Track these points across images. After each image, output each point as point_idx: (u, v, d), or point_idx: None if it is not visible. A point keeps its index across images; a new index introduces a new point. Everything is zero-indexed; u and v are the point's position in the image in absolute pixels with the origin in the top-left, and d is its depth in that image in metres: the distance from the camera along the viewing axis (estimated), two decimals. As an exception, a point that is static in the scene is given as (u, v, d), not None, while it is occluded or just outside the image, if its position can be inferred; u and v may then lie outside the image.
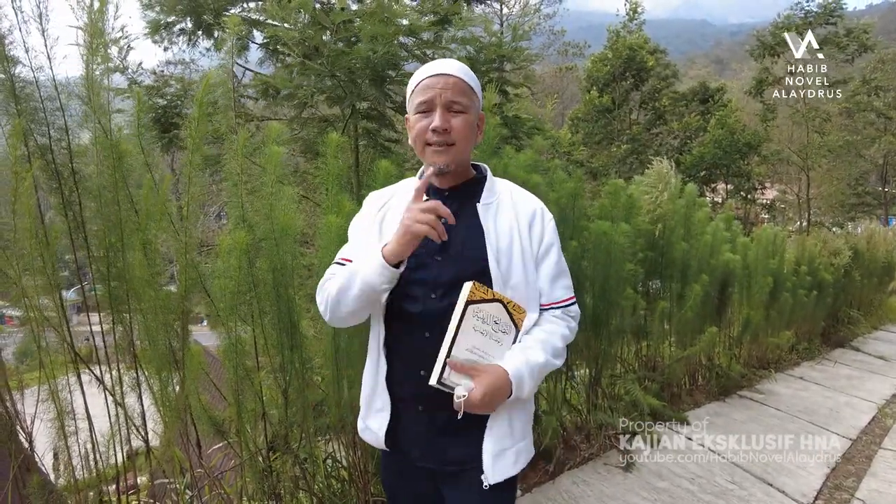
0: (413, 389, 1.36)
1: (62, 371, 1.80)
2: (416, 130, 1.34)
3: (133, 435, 1.97)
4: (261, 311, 2.17)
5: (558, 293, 1.41)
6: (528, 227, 1.37)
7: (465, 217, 1.35)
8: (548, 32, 23.51)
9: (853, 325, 7.80)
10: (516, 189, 1.47)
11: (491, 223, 1.35)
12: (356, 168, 3.10)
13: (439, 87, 1.32)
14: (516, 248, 1.34)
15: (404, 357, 1.37)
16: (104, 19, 1.76)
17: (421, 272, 1.34)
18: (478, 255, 1.32)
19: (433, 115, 1.32)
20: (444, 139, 1.31)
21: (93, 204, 1.83)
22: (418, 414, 1.37)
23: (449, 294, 1.29)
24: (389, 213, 1.42)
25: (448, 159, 1.33)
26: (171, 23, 3.55)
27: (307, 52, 2.41)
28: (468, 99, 1.35)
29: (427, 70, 1.37)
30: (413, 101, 1.36)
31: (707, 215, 4.82)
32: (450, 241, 1.32)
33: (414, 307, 1.34)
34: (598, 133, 20.24)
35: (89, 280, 2.09)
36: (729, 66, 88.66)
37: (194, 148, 1.84)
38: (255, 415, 2.20)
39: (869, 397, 5.03)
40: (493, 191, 1.42)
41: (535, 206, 1.42)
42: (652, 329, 4.29)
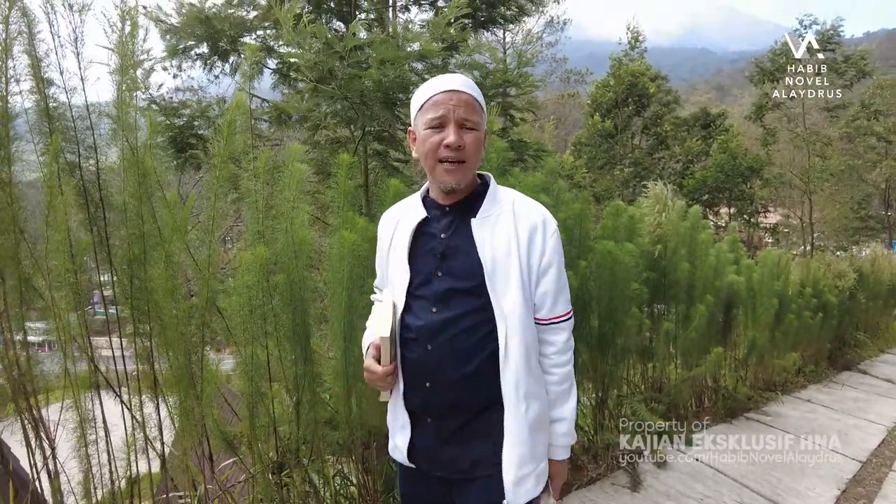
0: (421, 401, 1.41)
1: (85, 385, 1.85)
2: (429, 145, 1.34)
3: (149, 446, 2.00)
4: (276, 325, 2.22)
5: (559, 308, 1.41)
6: (527, 241, 1.35)
7: (463, 232, 1.37)
8: (550, 60, 23.98)
9: (860, 348, 7.75)
10: (520, 199, 1.43)
11: (487, 237, 1.35)
12: (366, 188, 3.18)
13: (452, 103, 1.32)
14: (513, 262, 1.33)
15: (412, 371, 1.40)
16: (134, 42, 1.85)
17: (423, 288, 1.39)
18: (473, 271, 1.34)
19: (446, 131, 1.32)
20: (457, 156, 1.32)
21: (116, 218, 1.90)
22: (428, 426, 1.41)
23: (448, 308, 1.35)
24: (397, 235, 1.47)
25: (460, 177, 1.35)
26: (188, 47, 3.68)
27: (320, 77, 2.51)
28: (478, 116, 1.36)
29: (437, 85, 1.36)
30: (424, 117, 1.36)
31: (710, 237, 4.87)
32: (449, 258, 1.37)
33: (417, 321, 1.38)
34: (601, 157, 20.46)
35: (98, 302, 2.15)
36: (730, 93, 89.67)
37: (221, 165, 1.91)
38: (266, 430, 2.23)
39: (878, 420, 4.98)
40: (494, 201, 1.40)
41: (536, 218, 1.38)
42: (657, 350, 4.30)
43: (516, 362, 1.32)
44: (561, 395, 1.43)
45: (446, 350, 1.34)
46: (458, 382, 1.34)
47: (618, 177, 19.53)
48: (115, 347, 2.01)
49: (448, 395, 1.36)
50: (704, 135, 20.87)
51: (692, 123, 21.43)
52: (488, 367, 1.33)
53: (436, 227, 1.41)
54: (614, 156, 20.46)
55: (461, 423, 1.38)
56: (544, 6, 21.82)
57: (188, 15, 3.39)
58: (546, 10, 22.94)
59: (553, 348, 1.42)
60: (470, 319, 1.33)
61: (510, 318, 1.32)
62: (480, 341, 1.33)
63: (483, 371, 1.33)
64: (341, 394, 2.40)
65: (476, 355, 1.33)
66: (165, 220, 1.88)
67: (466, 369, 1.33)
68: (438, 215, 1.42)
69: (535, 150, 3.79)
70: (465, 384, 1.34)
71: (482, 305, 1.33)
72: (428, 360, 1.35)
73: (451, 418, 1.38)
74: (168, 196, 1.90)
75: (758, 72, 20.27)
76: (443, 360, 1.34)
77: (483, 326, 1.33)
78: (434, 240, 1.40)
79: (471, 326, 1.33)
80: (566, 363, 1.43)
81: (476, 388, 1.35)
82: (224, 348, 2.86)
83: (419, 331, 1.37)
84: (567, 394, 1.44)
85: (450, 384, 1.35)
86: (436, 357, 1.34)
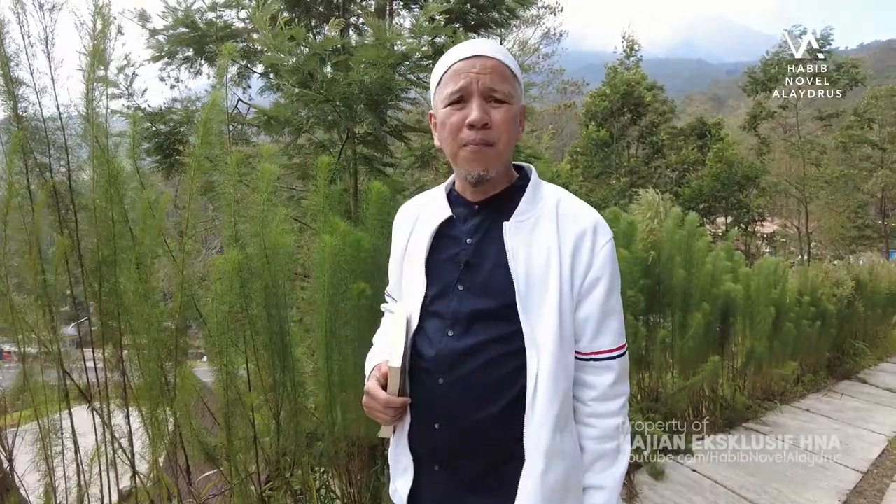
0: (428, 445, 1.14)
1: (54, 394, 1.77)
2: (449, 127, 1.08)
3: (119, 459, 1.91)
4: (253, 332, 2.15)
5: (603, 341, 1.10)
6: (572, 251, 1.07)
7: (494, 238, 1.11)
8: (547, 71, 24.09)
9: (859, 357, 7.68)
10: (566, 198, 1.15)
11: (522, 246, 1.08)
12: (355, 193, 3.12)
13: (475, 70, 1.06)
14: (552, 279, 1.05)
15: (419, 406, 1.14)
16: (105, 39, 1.80)
17: (439, 303, 1.13)
18: (501, 288, 1.07)
19: (469, 107, 1.06)
20: (483, 137, 1.05)
21: (87, 219, 1.83)
22: (435, 474, 1.14)
23: (469, 333, 1.08)
24: (415, 236, 1.22)
25: (486, 165, 1.08)
26: (174, 51, 3.64)
27: (301, 80, 2.46)
28: (510, 86, 1.08)
29: (459, 52, 1.10)
30: (442, 92, 1.10)
31: (707, 244, 4.82)
32: (476, 268, 1.11)
33: (429, 348, 1.11)
34: (597, 166, 20.52)
35: (88, 314, 2.08)
36: (726, 104, 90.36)
37: (196, 164, 1.85)
38: (246, 441, 2.15)
39: (879, 430, 4.90)
40: (534, 201, 1.13)
41: (585, 224, 1.09)
42: (654, 359, 4.24)
43: (543, 408, 1.04)
44: (601, 456, 1.11)
45: (464, 386, 1.07)
46: (475, 427, 1.07)
47: (614, 186, 19.57)
48: (89, 358, 1.93)
49: (462, 442, 1.09)
50: (700, 144, 20.98)
51: (688, 133, 21.57)
52: (515, 409, 1.06)
53: (461, 229, 1.15)
54: (610, 165, 20.53)
55: (476, 474, 1.10)
56: (538, 15, 21.96)
57: (174, 19, 3.37)
58: (543, 21, 23.10)
59: (592, 392, 1.11)
60: (496, 349, 1.06)
61: (544, 351, 1.04)
62: (507, 377, 1.06)
63: (508, 414, 1.06)
64: (325, 404, 2.32)
65: (502, 395, 1.06)
66: (137, 222, 1.81)
67: (488, 412, 1.06)
68: (465, 214, 1.16)
69: (527, 156, 3.75)
70: (485, 429, 1.07)
71: (512, 333, 1.05)
72: (439, 396, 1.09)
73: (463, 469, 1.11)
74: (141, 196, 1.83)
75: (751, 82, 20.46)
76: (459, 399, 1.08)
77: (512, 360, 1.06)
78: (458, 245, 1.14)
79: (496, 358, 1.06)
80: (612, 415, 1.11)
81: (498, 435, 1.08)
82: (199, 358, 2.78)
83: (431, 360, 1.10)
84: (612, 457, 1.11)
85: (465, 428, 1.08)
86: (450, 394, 1.08)
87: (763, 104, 20.55)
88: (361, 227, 2.37)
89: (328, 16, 3.72)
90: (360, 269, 2.26)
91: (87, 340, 2.00)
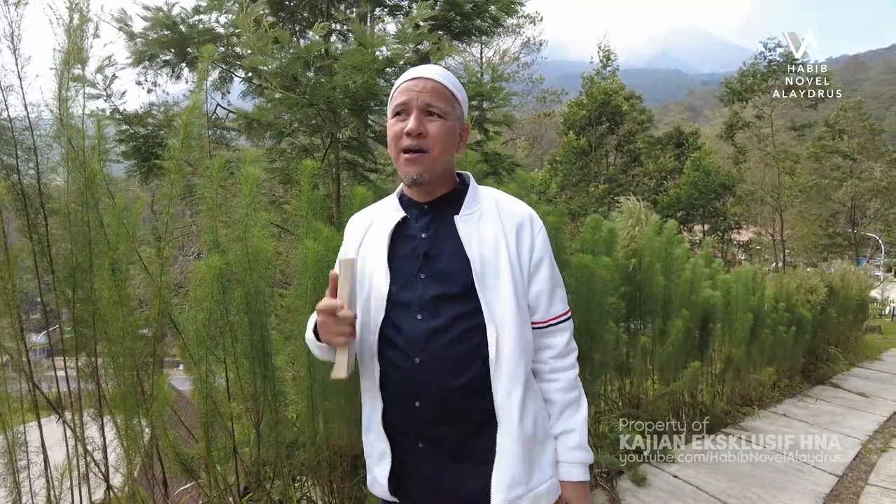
0: (409, 423, 1.23)
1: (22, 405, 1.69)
2: (391, 135, 1.25)
3: (92, 472, 1.84)
4: (233, 339, 2.10)
5: (556, 308, 1.30)
6: (515, 238, 1.25)
7: (446, 232, 1.26)
8: (527, 80, 24.31)
9: (832, 362, 7.85)
10: (502, 196, 1.33)
11: (473, 235, 1.24)
12: (338, 198, 3.09)
13: (417, 89, 1.23)
14: (503, 261, 1.22)
15: (397, 388, 1.24)
16: (82, 35, 1.74)
17: (404, 293, 1.24)
18: (460, 272, 1.21)
19: (409, 119, 1.22)
20: (417, 144, 1.21)
21: (60, 224, 1.76)
22: (419, 451, 1.23)
23: (436, 314, 1.20)
24: (369, 240, 1.33)
25: (421, 169, 1.23)
26: (154, 54, 3.56)
27: (285, 84, 2.42)
28: (448, 104, 1.25)
29: (407, 74, 1.28)
30: (389, 106, 1.28)
31: (686, 251, 4.88)
32: (433, 259, 1.24)
33: (400, 332, 1.23)
34: (576, 174, 20.73)
35: (60, 322, 2.00)
36: (702, 114, 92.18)
37: (176, 168, 1.80)
38: (225, 451, 2.09)
39: (853, 434, 5.00)
40: (475, 199, 1.30)
41: (523, 214, 1.29)
42: (635, 365, 4.26)
43: (510, 370, 1.19)
44: (568, 403, 1.28)
45: (439, 361, 1.19)
46: (453, 395, 1.19)
47: (592, 193, 19.78)
48: (60, 367, 1.86)
49: (442, 411, 1.20)
50: (678, 153, 21.34)
51: (666, 142, 21.94)
52: (484, 375, 1.19)
53: (415, 227, 1.29)
54: (588, 173, 20.76)
55: (457, 442, 1.21)
56: (518, 24, 22.18)
57: (154, 20, 3.29)
58: (523, 31, 23.34)
59: (552, 352, 1.29)
60: (461, 326, 1.20)
61: (502, 323, 1.19)
62: (473, 349, 1.19)
63: (478, 381, 1.19)
64: (307, 413, 2.28)
65: (471, 364, 1.19)
66: (111, 226, 1.75)
67: (461, 380, 1.19)
68: (417, 214, 1.31)
69: (509, 164, 3.76)
70: (461, 396, 1.19)
71: (473, 310, 1.20)
72: (416, 374, 1.20)
73: (445, 439, 1.21)
74: (110, 201, 1.77)
75: (727, 92, 20.96)
76: (435, 373, 1.19)
77: (476, 332, 1.20)
78: (414, 241, 1.27)
79: (462, 333, 1.19)
80: (569, 367, 1.30)
81: (472, 400, 1.20)
82: (176, 367, 2.71)
83: (404, 342, 1.22)
84: (576, 402, 1.29)
85: (444, 398, 1.19)
86: (426, 370, 1.19)
87: (739, 114, 21.06)
88: (342, 232, 2.34)
89: (312, 21, 3.69)
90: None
91: (58, 349, 1.92)
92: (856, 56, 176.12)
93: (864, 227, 26.74)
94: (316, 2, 3.57)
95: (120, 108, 3.33)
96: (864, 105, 27.18)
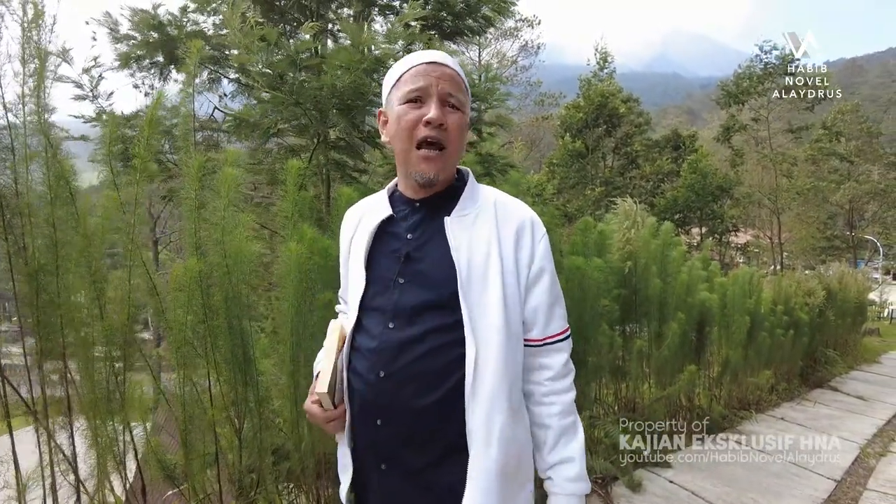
0: (370, 442, 1.12)
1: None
2: (404, 123, 1.10)
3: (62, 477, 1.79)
4: (213, 345, 2.05)
5: (554, 326, 1.15)
6: (514, 244, 1.11)
7: (434, 233, 1.13)
8: (525, 84, 24.32)
9: (830, 366, 7.80)
10: (503, 197, 1.19)
11: (464, 239, 1.10)
12: (328, 199, 3.04)
13: (435, 75, 1.10)
14: (493, 269, 1.08)
15: (360, 402, 1.12)
16: (38, 29, 1.69)
17: (380, 299, 1.13)
18: (443, 278, 1.08)
19: (427, 106, 1.09)
20: (438, 136, 1.09)
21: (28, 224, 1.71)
22: (381, 472, 1.12)
23: (410, 324, 1.08)
24: (357, 236, 1.23)
25: (439, 167, 1.11)
26: (142, 56, 3.52)
27: (272, 83, 2.38)
28: (464, 96, 1.15)
29: (418, 57, 1.14)
30: (400, 89, 1.12)
31: (682, 253, 4.84)
32: (415, 261, 1.12)
33: (370, 341, 1.12)
34: (573, 177, 20.72)
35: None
36: (700, 117, 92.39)
37: (142, 168, 1.76)
38: (206, 459, 2.04)
39: (851, 437, 4.95)
40: (472, 199, 1.16)
41: (523, 218, 1.14)
42: (630, 369, 4.21)
43: (490, 394, 1.04)
44: (565, 430, 1.14)
45: (405, 376, 1.07)
46: (419, 415, 1.06)
47: (589, 196, 19.76)
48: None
49: (406, 432, 1.08)
50: (675, 156, 21.33)
51: (663, 145, 21.93)
52: (457, 397, 1.06)
53: (402, 226, 1.17)
54: (585, 175, 20.74)
55: (423, 468, 1.09)
56: (516, 27, 22.19)
57: (140, 21, 3.25)
58: (521, 34, 23.37)
59: (548, 373, 1.14)
60: (438, 338, 1.07)
61: (485, 339, 1.06)
62: (451, 365, 1.06)
63: (452, 401, 1.06)
64: (291, 419, 2.22)
65: (443, 383, 1.06)
66: (77, 227, 1.70)
67: (431, 398, 1.06)
68: (406, 212, 1.18)
69: (503, 165, 3.72)
70: (429, 417, 1.06)
71: (453, 322, 1.06)
72: (380, 391, 1.08)
73: (409, 464, 1.09)
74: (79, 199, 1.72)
75: (724, 95, 20.99)
76: (400, 389, 1.07)
77: (455, 348, 1.06)
78: (398, 240, 1.16)
79: (438, 347, 1.06)
80: (566, 390, 1.16)
81: (442, 424, 1.07)
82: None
83: (371, 353, 1.10)
84: (573, 428, 1.15)
85: (409, 418, 1.07)
86: (390, 386, 1.07)
87: (736, 116, 21.09)
88: (331, 235, 2.30)
89: (303, 22, 3.65)
90: (328, 278, 2.19)
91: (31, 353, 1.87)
92: (853, 59, 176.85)
93: (863, 229, 26.73)
94: (306, 2, 3.53)
95: (106, 109, 3.29)
96: (862, 108, 27.23)
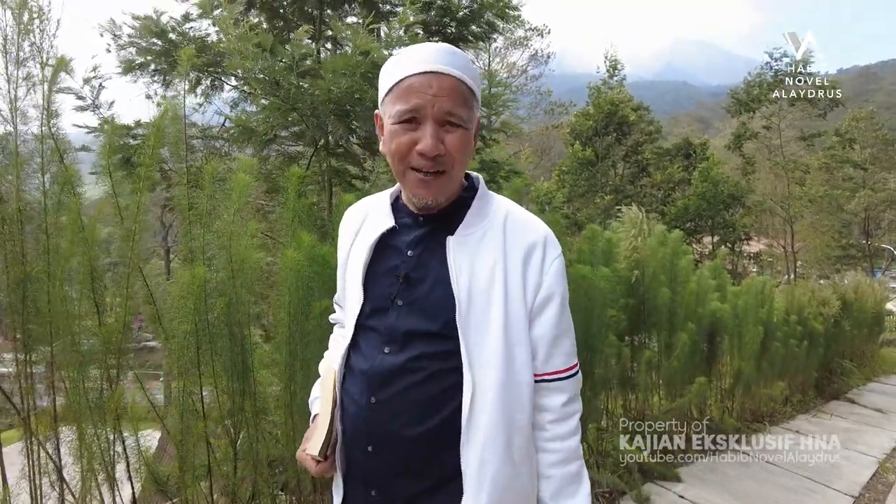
0: (362, 469, 1.06)
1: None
2: (396, 146, 0.98)
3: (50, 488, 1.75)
4: (213, 353, 2.01)
5: (557, 361, 1.05)
6: (521, 266, 1.01)
7: (436, 252, 1.04)
8: (535, 93, 24.33)
9: (847, 377, 7.61)
10: (515, 211, 1.08)
11: (465, 262, 1.01)
12: (330, 207, 3.02)
13: (432, 92, 0.95)
14: (496, 295, 0.99)
15: (351, 426, 1.06)
16: (29, 31, 1.68)
17: (375, 319, 1.06)
18: (441, 306, 1.00)
19: (421, 131, 0.96)
20: (435, 165, 0.98)
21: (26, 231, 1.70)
22: (371, 499, 1.06)
23: (406, 349, 1.01)
24: (358, 243, 1.14)
25: (436, 192, 1.01)
26: (144, 63, 3.53)
27: (268, 89, 2.36)
28: (468, 108, 0.99)
29: (411, 63, 0.98)
30: (392, 106, 0.99)
31: (691, 262, 4.75)
32: (414, 284, 1.04)
33: (363, 362, 1.05)
34: (583, 185, 20.61)
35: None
36: (712, 125, 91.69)
37: (146, 176, 1.74)
38: (196, 470, 2.00)
39: (869, 452, 4.81)
40: (481, 214, 1.06)
41: (535, 238, 1.04)
42: (639, 380, 4.12)
43: (485, 434, 0.97)
44: (567, 480, 1.05)
45: (398, 404, 1.01)
46: (411, 446, 1.01)
47: (599, 204, 19.64)
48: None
49: (397, 461, 1.02)
50: (686, 164, 21.17)
51: (674, 153, 21.78)
52: (452, 427, 0.99)
53: (403, 240, 1.08)
54: (595, 183, 20.63)
55: (414, 497, 1.03)
56: (526, 37, 22.22)
57: (142, 28, 3.26)
58: (530, 43, 23.40)
59: (549, 416, 1.05)
60: (434, 365, 1.00)
61: (484, 374, 0.98)
62: (446, 392, 1.00)
63: (447, 430, 0.99)
64: (287, 428, 2.18)
65: (439, 410, 1.00)
66: (67, 232, 1.68)
67: (423, 428, 1.00)
68: (409, 225, 1.09)
69: (508, 171, 3.68)
70: (422, 446, 1.00)
71: (452, 350, 0.99)
72: (371, 416, 1.02)
73: (401, 494, 1.03)
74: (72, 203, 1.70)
75: (734, 102, 20.85)
76: (392, 417, 1.01)
77: (451, 375, 1.00)
78: (399, 256, 1.07)
79: (433, 373, 1.00)
80: (571, 434, 1.06)
81: (435, 454, 1.01)
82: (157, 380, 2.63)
83: (363, 376, 1.04)
84: (577, 478, 1.05)
85: (401, 446, 1.01)
86: (383, 413, 1.01)
87: (747, 124, 20.91)
88: (332, 243, 2.27)
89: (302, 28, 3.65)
90: (326, 286, 2.15)
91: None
92: (867, 67, 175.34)
93: (879, 238, 26.29)
94: (308, 9, 3.53)
95: (107, 118, 3.29)
96: (877, 115, 26.88)
